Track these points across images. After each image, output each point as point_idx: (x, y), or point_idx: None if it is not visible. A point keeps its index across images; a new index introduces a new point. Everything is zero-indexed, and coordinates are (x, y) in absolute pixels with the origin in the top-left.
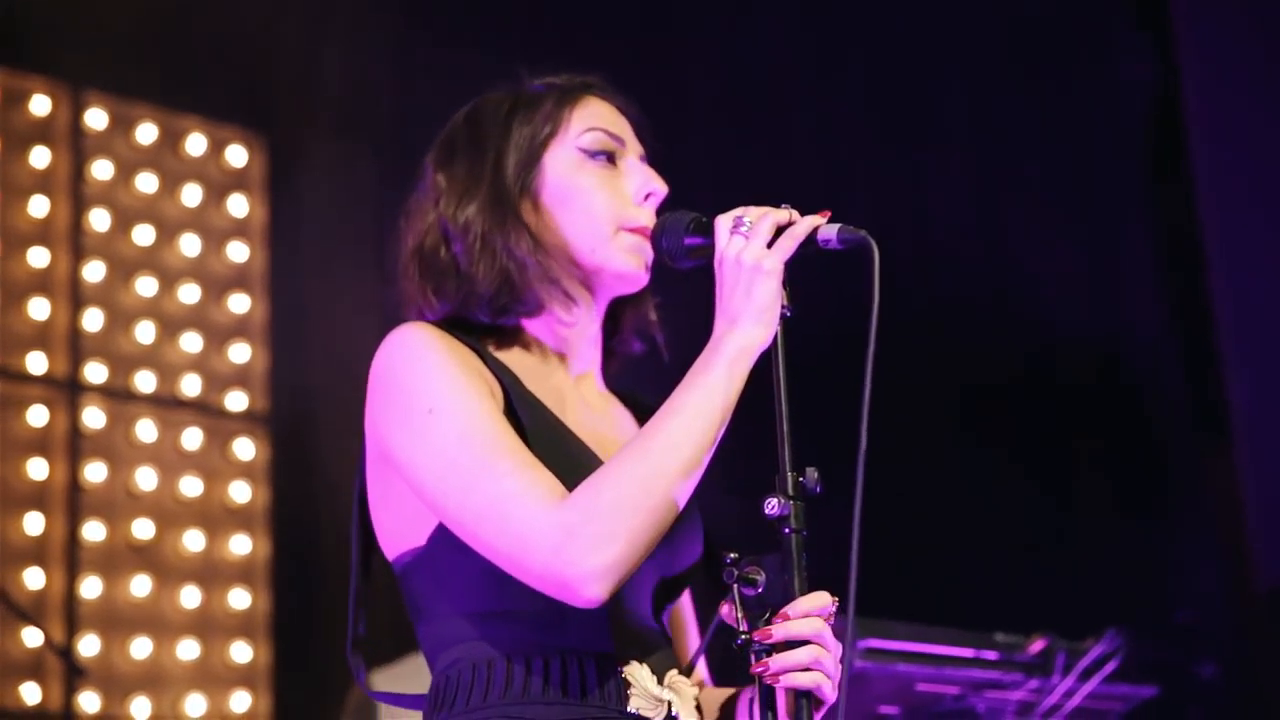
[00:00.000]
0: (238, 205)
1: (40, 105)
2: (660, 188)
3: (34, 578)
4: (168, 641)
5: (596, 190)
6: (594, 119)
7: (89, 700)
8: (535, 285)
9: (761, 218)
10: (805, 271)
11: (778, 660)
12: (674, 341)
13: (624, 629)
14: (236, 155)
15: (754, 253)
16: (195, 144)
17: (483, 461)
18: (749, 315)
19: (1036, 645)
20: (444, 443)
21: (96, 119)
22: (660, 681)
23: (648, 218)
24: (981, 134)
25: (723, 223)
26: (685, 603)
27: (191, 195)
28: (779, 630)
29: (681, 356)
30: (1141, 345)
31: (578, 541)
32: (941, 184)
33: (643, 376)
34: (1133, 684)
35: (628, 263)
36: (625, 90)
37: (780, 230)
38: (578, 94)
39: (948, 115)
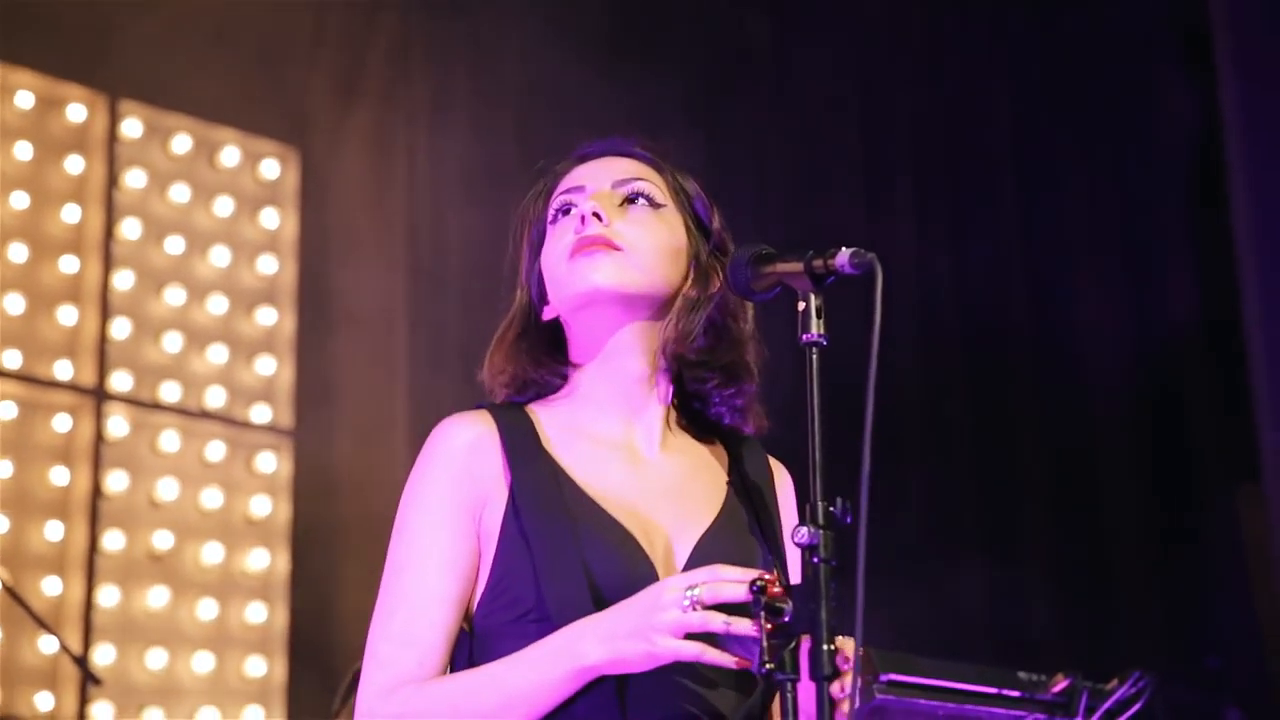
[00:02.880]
0: (269, 218)
1: (76, 113)
2: (588, 207)
3: (52, 585)
4: (183, 653)
5: (551, 246)
6: (559, 190)
7: (102, 710)
8: (529, 376)
9: (712, 594)
10: (840, 300)
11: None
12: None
13: (638, 693)
14: (270, 168)
15: (666, 623)
16: (229, 156)
17: (384, 610)
18: (617, 647)
19: (1060, 685)
20: (387, 571)
21: (132, 128)
22: None
23: (592, 233)
24: (1025, 169)
25: (675, 586)
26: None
27: (224, 207)
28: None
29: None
30: (1177, 386)
31: None
32: (984, 219)
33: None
34: None
35: (579, 283)
36: (653, 125)
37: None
38: (560, 174)
39: (991, 151)
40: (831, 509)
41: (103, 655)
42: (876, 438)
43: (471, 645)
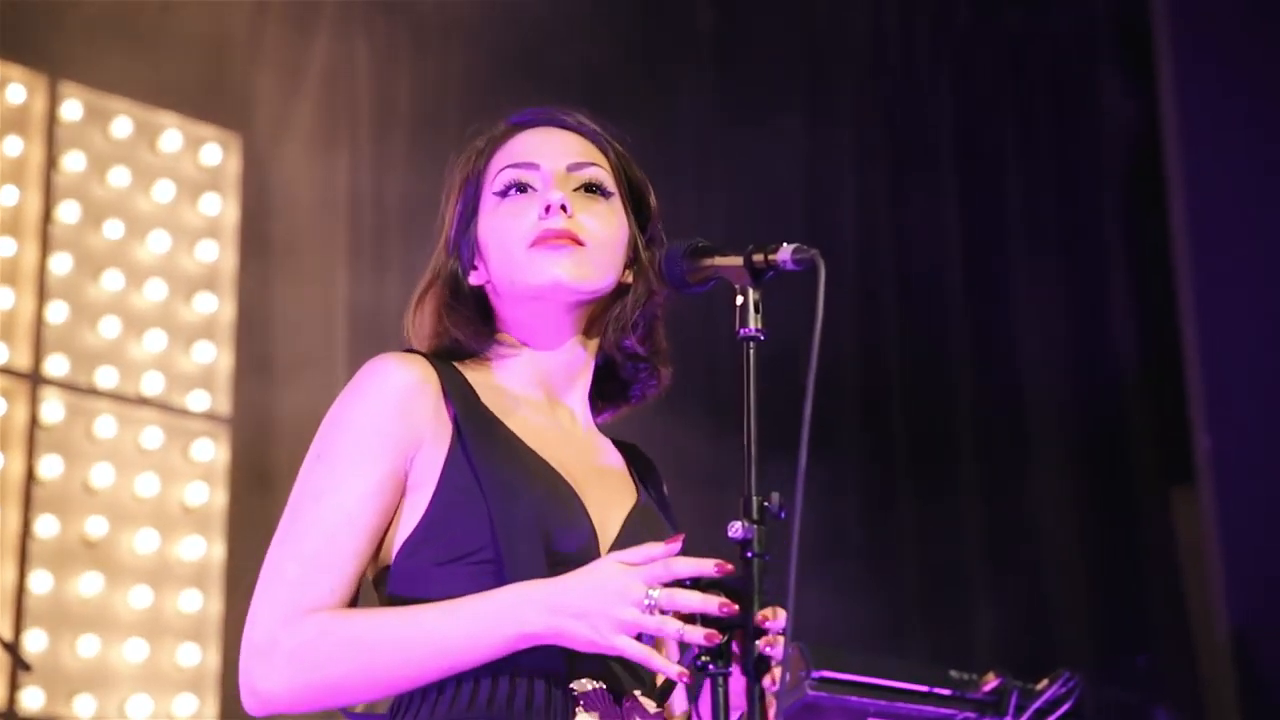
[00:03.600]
0: (210, 204)
1: (16, 94)
2: (555, 197)
3: None
4: (115, 641)
5: (505, 224)
6: (505, 158)
7: (33, 697)
8: (462, 347)
9: (670, 601)
10: (779, 296)
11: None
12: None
13: (580, 651)
14: (211, 154)
15: (622, 620)
16: (170, 140)
17: (296, 531)
18: (562, 623)
19: (990, 683)
20: (300, 493)
21: (72, 110)
22: (617, 702)
23: (558, 225)
24: (965, 168)
25: (634, 579)
26: None
27: (164, 192)
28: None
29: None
30: (1113, 388)
31: (269, 660)
32: (925, 216)
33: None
34: None
35: (539, 275)
36: (596, 106)
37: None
38: (499, 139)
39: (934, 146)
40: (766, 504)
41: (34, 641)
42: (813, 433)
43: (386, 586)
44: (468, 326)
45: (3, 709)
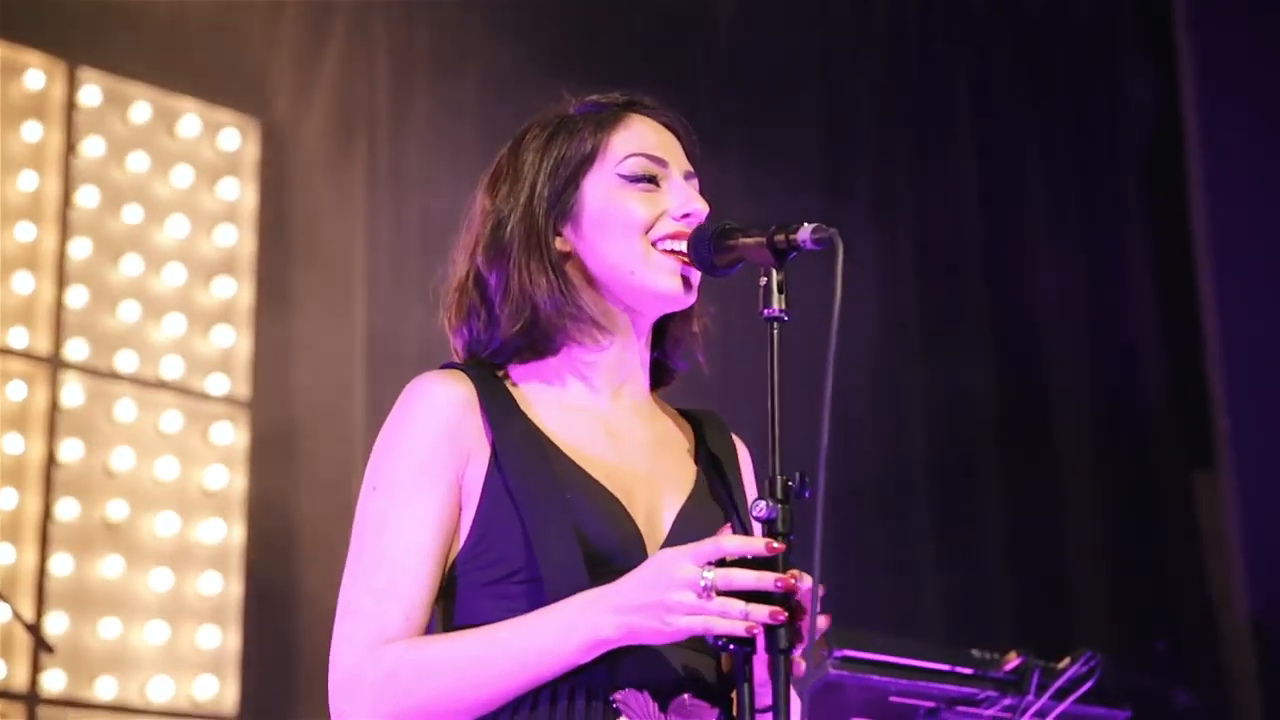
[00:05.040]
0: (228, 189)
1: (35, 79)
2: (700, 207)
3: (5, 553)
4: (137, 623)
5: (635, 210)
6: (635, 144)
7: (54, 678)
8: (555, 326)
9: (726, 581)
10: (804, 276)
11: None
12: (714, 346)
13: (623, 657)
14: (230, 139)
15: (682, 605)
16: (189, 125)
17: (364, 564)
18: (630, 620)
19: (1011, 663)
20: (363, 525)
21: (91, 95)
22: (664, 707)
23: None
24: (984, 149)
25: (684, 560)
26: None
27: (182, 177)
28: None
29: (720, 364)
30: (1134, 373)
31: (355, 694)
32: (943, 197)
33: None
34: (1106, 707)
35: (668, 285)
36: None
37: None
38: (619, 115)
39: (954, 133)
40: (790, 483)
41: (55, 624)
42: (833, 412)
43: (443, 602)
44: (583, 314)
45: (25, 691)
